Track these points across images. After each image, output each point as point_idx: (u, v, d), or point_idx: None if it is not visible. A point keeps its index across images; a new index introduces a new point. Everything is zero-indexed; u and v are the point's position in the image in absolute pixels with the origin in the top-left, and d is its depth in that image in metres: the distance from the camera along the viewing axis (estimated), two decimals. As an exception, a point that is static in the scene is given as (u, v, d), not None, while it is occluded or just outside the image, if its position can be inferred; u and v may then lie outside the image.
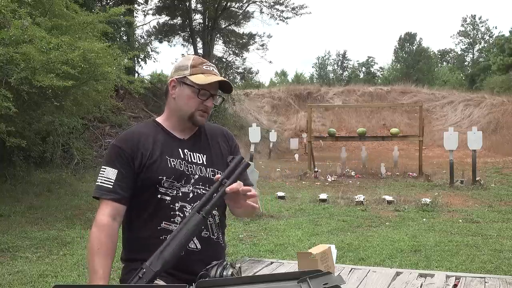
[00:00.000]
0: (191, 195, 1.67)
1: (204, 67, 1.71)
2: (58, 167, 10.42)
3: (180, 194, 1.67)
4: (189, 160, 1.72)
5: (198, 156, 1.75)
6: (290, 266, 3.06)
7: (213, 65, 1.78)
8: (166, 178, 1.66)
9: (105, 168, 1.67)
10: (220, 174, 1.65)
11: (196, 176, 1.70)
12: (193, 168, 1.72)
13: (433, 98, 24.33)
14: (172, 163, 1.69)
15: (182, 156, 1.72)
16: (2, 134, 6.71)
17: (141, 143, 1.69)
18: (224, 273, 1.57)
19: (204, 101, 1.70)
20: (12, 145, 7.19)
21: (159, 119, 1.80)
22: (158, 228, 1.65)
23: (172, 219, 1.65)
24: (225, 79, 1.72)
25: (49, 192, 8.71)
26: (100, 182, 1.66)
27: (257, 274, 2.82)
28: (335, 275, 1.28)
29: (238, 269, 1.63)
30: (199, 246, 1.68)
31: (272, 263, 3.14)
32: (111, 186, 1.64)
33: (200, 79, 1.68)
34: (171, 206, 1.64)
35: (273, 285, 1.24)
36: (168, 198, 1.66)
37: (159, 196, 1.66)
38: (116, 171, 1.66)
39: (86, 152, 11.54)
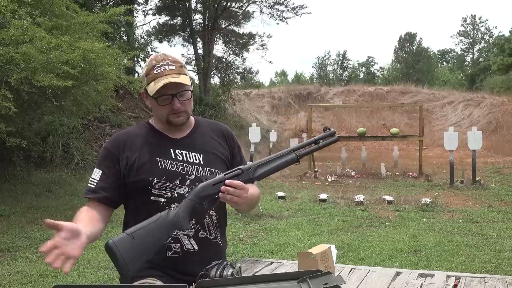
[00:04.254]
0: (187, 196, 1.65)
1: (155, 71, 1.64)
2: (58, 167, 10.42)
3: (176, 195, 1.65)
4: (184, 160, 1.70)
5: (194, 155, 1.73)
6: (290, 266, 3.05)
7: (168, 60, 1.66)
8: (156, 179, 1.65)
9: (94, 169, 1.71)
10: (218, 173, 1.62)
11: (193, 177, 1.68)
12: (189, 168, 1.69)
13: (433, 98, 24.36)
14: (162, 164, 1.68)
15: (174, 157, 1.70)
16: (2, 134, 6.71)
17: (127, 146, 1.70)
18: (224, 273, 1.56)
19: (169, 104, 1.65)
20: (12, 145, 7.19)
21: (151, 121, 1.81)
22: None
23: None
24: (172, 80, 1.61)
25: (49, 192, 8.71)
26: (88, 183, 1.70)
27: (257, 274, 2.82)
28: (335, 275, 1.28)
29: (238, 269, 1.62)
30: (196, 247, 1.66)
31: (272, 263, 3.13)
32: (93, 186, 1.68)
33: (151, 88, 1.64)
34: (167, 207, 1.57)
35: (273, 285, 1.24)
36: (162, 199, 1.65)
37: (152, 198, 1.65)
38: (100, 171, 1.69)
39: (86, 152, 11.53)
